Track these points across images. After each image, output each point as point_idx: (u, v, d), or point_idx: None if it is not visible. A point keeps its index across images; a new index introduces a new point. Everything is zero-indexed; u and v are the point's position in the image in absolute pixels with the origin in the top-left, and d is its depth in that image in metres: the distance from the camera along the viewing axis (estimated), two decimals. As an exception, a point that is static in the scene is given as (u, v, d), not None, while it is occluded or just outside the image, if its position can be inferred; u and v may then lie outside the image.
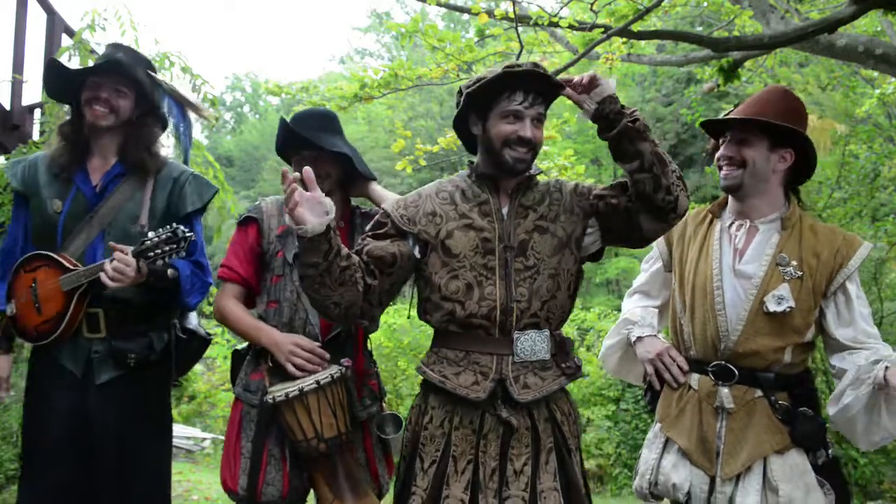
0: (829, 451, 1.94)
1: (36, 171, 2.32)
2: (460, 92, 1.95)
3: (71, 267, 2.21)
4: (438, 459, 1.87)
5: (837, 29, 3.77)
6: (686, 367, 2.12)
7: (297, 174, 1.69)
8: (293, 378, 2.18)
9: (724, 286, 2.03)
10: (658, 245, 2.29)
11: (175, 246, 2.12)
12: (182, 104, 2.54)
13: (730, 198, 2.15)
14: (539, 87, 1.87)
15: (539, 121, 1.90)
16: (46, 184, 2.30)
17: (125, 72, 2.31)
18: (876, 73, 6.76)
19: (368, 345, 2.43)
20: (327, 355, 2.20)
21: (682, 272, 2.16)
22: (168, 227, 2.14)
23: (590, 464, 7.05)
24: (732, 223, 2.11)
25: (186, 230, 2.13)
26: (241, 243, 2.33)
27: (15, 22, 4.86)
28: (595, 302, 13.74)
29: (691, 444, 2.01)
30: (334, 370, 2.18)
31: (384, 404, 2.43)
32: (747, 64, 5.98)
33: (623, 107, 1.80)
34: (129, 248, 2.13)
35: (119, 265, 2.09)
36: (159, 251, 2.12)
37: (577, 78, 1.81)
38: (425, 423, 1.92)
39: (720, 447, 1.97)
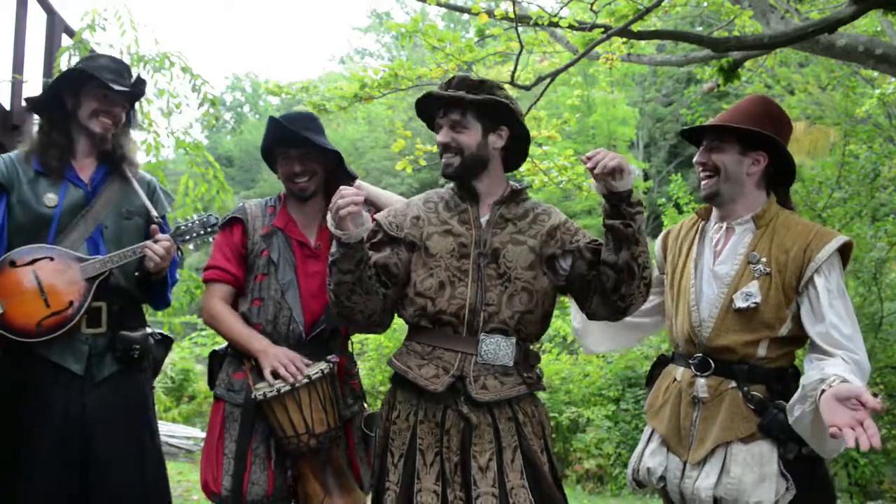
0: (804, 448, 1.92)
1: (14, 167, 2.31)
2: None
3: (83, 257, 2.24)
4: (405, 453, 1.93)
5: (837, 29, 3.77)
6: None
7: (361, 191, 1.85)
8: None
9: (701, 286, 2.12)
10: (656, 248, 2.38)
11: (210, 230, 2.36)
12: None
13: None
14: (452, 98, 1.98)
15: (457, 125, 1.99)
16: (31, 180, 2.29)
17: (140, 94, 2.47)
18: (876, 73, 6.77)
19: (350, 346, 2.46)
20: (305, 370, 2.20)
21: (671, 275, 2.26)
22: (200, 213, 2.40)
23: (590, 464, 7.04)
24: (714, 226, 2.20)
25: (218, 217, 2.38)
26: (227, 244, 2.37)
27: (15, 22, 4.86)
28: (595, 302, 13.71)
29: (668, 431, 2.11)
30: (324, 366, 2.20)
31: (366, 404, 2.47)
32: (747, 64, 5.97)
33: (630, 204, 1.84)
34: (167, 235, 2.30)
35: (168, 244, 2.25)
36: (194, 234, 2.35)
37: (604, 155, 1.80)
38: (394, 418, 1.98)
39: (694, 434, 2.05)
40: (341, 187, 1.81)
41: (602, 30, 4.02)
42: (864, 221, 6.24)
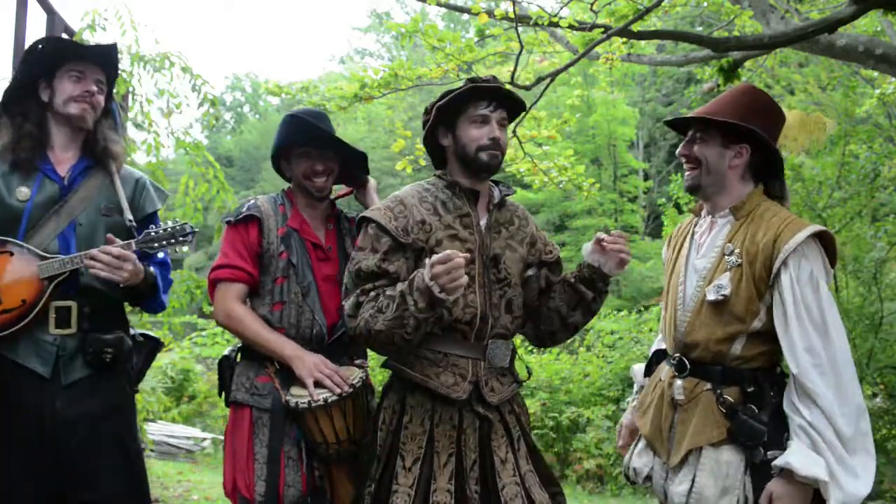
0: (769, 452, 1.86)
1: None
2: (427, 111, 2.11)
3: (47, 255, 2.12)
4: (422, 456, 1.97)
5: (837, 29, 3.76)
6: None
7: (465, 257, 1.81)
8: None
9: (686, 281, 2.09)
10: (662, 252, 2.38)
11: (182, 239, 2.16)
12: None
13: None
14: (499, 96, 2.05)
15: (503, 124, 2.08)
16: (4, 174, 2.19)
17: (110, 61, 2.28)
18: (876, 73, 6.76)
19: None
20: (346, 387, 2.14)
21: (666, 274, 2.26)
22: (173, 221, 2.20)
23: (590, 464, 7.05)
24: (703, 220, 2.17)
25: (193, 227, 2.19)
26: (242, 241, 2.26)
27: (15, 22, 4.84)
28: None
29: (651, 433, 2.09)
30: (361, 373, 2.20)
31: None
32: (747, 64, 5.97)
33: (606, 283, 2.11)
34: (130, 241, 2.12)
35: (117, 253, 2.06)
36: (164, 243, 2.15)
37: (615, 240, 2.02)
38: (405, 423, 2.00)
39: (672, 437, 2.03)
40: (433, 261, 1.79)
41: (602, 30, 4.02)
42: (864, 221, 6.24)
